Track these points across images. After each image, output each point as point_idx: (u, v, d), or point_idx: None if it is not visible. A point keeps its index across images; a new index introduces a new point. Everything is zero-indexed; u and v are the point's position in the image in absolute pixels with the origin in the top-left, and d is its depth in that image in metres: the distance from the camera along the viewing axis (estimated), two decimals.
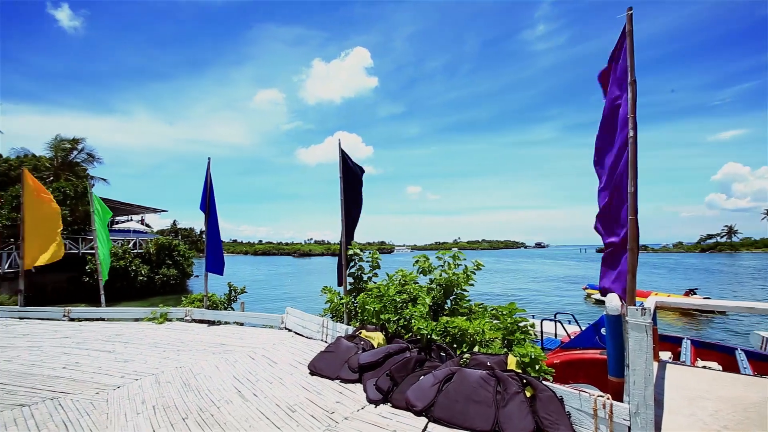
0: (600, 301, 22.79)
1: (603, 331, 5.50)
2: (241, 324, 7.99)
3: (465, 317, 5.23)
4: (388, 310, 5.62)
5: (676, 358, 6.01)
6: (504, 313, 5.05)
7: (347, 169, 6.76)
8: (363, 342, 5.10)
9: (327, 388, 4.41)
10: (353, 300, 6.65)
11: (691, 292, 19.31)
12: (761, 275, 39.73)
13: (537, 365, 4.21)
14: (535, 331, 5.43)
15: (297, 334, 6.89)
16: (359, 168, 7.04)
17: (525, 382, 3.64)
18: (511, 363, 4.03)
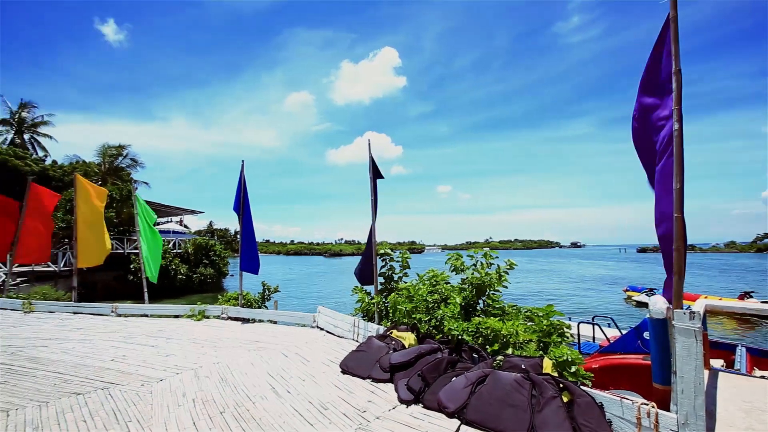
0: (642, 304, 21.66)
1: (646, 335, 5.23)
2: (275, 322, 8.21)
3: (498, 318, 5.12)
4: (419, 311, 5.59)
5: (729, 366, 5.62)
6: (539, 314, 4.90)
7: (377, 169, 6.78)
8: (394, 342, 5.11)
9: (358, 387, 4.45)
10: (384, 300, 6.67)
11: (746, 296, 17.81)
12: None
13: (574, 369, 4.06)
14: (571, 334, 5.24)
15: (329, 333, 6.99)
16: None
17: (562, 386, 3.52)
18: (547, 366, 3.91)
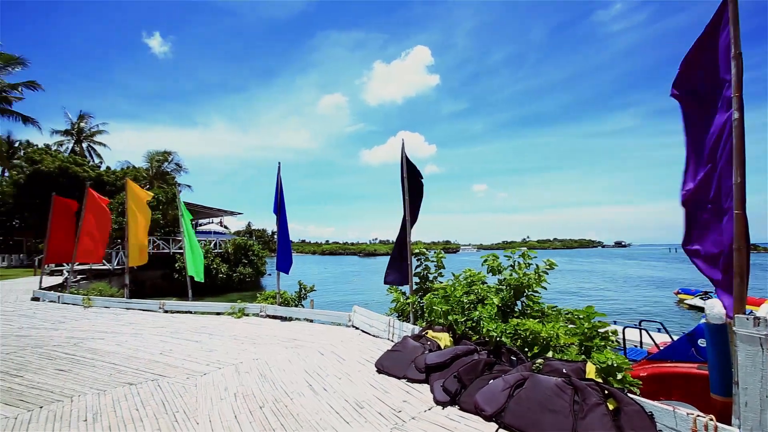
0: (696, 308, 20.20)
1: (701, 342, 4.87)
2: (311, 321, 8.38)
3: (537, 320, 4.95)
4: (456, 311, 5.51)
5: None
6: (581, 317, 4.69)
7: (411, 168, 6.75)
8: (430, 342, 5.06)
9: (394, 386, 4.45)
10: (419, 300, 6.64)
11: None
12: None
13: (620, 375, 3.84)
14: (616, 339, 4.97)
15: (364, 332, 7.05)
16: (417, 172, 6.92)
17: (607, 393, 3.34)
18: (590, 371, 3.73)
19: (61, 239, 13.43)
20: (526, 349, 4.68)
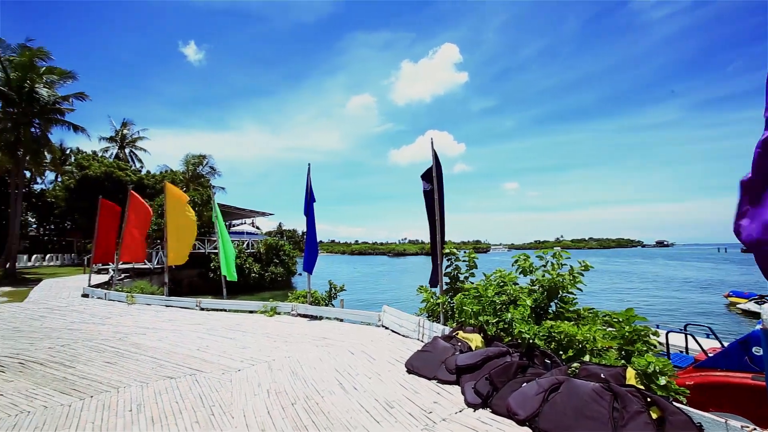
0: (750, 313, 18.81)
1: (756, 350, 4.52)
2: (341, 320, 8.48)
3: (572, 322, 4.78)
4: (487, 312, 5.41)
5: None
6: (620, 320, 4.48)
7: (440, 168, 6.68)
8: (460, 343, 4.99)
9: (424, 387, 4.42)
10: (449, 300, 6.57)
11: None
12: None
13: (664, 381, 3.64)
14: (659, 343, 4.71)
15: (393, 332, 7.05)
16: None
17: (650, 400, 3.17)
18: (631, 377, 3.56)
19: (106, 240, 14.28)
20: (561, 352, 4.53)
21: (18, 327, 8.33)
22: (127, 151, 44.61)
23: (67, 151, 40.91)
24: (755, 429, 2.65)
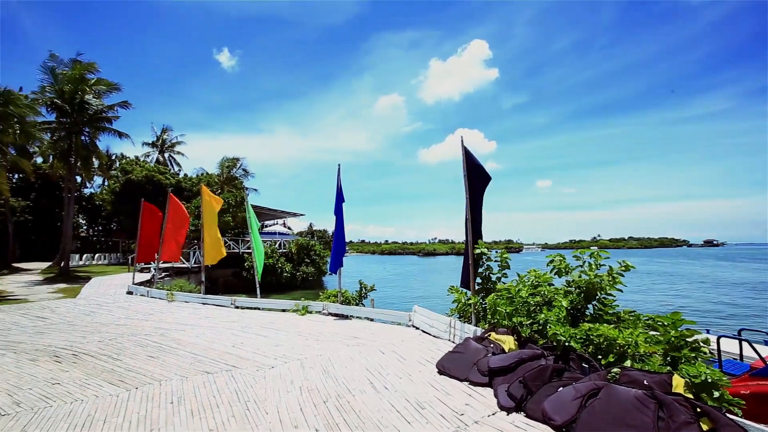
0: None
1: None
2: (371, 319, 8.51)
3: (612, 325, 4.56)
4: (520, 313, 5.26)
5: None
6: (665, 323, 4.22)
7: (471, 166, 6.58)
8: (493, 345, 4.88)
9: (455, 388, 4.36)
10: (481, 301, 6.45)
11: None
12: None
13: (717, 392, 3.40)
14: (710, 350, 4.40)
15: (424, 332, 6.99)
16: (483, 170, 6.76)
17: (699, 411, 2.96)
18: (678, 385, 3.35)
19: (148, 240, 15.06)
20: (600, 356, 4.34)
21: (72, 321, 8.95)
22: (166, 155, 46.95)
23: (113, 157, 43.59)
24: None
